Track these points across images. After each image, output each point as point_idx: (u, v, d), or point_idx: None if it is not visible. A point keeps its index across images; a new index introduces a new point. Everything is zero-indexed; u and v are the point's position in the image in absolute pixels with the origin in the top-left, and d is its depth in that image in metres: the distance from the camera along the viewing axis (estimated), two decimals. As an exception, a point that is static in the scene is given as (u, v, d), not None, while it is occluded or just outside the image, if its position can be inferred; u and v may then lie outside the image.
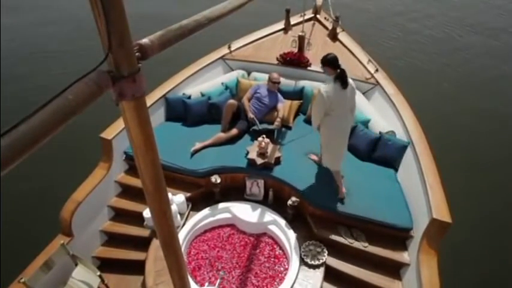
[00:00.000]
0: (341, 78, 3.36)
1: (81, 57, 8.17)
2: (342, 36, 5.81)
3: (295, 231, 3.75)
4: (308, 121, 4.81)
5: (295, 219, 3.85)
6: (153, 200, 1.43)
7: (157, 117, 4.68)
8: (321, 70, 5.14)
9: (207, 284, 3.44)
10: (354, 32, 6.22)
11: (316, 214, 3.75)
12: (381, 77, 4.99)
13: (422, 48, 9.71)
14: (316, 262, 3.49)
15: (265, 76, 4.86)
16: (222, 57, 5.47)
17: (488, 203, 5.39)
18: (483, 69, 8.81)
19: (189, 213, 3.97)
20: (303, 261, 3.51)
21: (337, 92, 3.37)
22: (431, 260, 3.10)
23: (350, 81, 3.47)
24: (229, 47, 5.55)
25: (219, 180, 3.91)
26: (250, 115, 4.43)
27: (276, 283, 3.46)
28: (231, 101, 4.46)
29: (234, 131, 4.38)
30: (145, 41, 1.13)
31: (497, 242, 4.93)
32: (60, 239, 3.32)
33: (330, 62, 3.40)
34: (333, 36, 5.79)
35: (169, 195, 3.65)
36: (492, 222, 5.14)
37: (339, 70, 3.38)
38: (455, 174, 5.25)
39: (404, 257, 3.46)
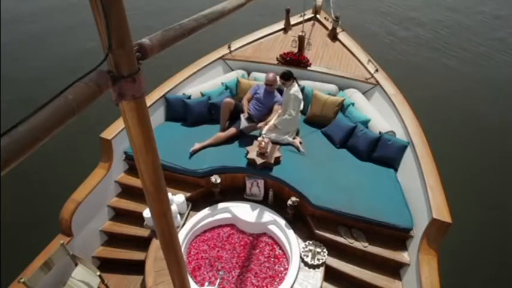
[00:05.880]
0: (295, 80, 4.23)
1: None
2: (342, 36, 5.81)
3: (295, 231, 3.75)
4: (308, 121, 4.81)
5: (295, 219, 3.85)
6: (153, 200, 1.44)
7: (157, 117, 4.67)
8: (321, 70, 5.21)
9: (207, 284, 3.44)
10: (354, 32, 6.22)
11: (316, 214, 3.75)
12: (381, 77, 4.99)
13: (422, 48, 9.70)
14: (316, 262, 3.49)
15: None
16: (222, 57, 5.46)
17: (488, 203, 5.39)
18: (485, 69, 8.80)
19: (189, 213, 3.97)
20: (303, 261, 3.51)
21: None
22: (431, 260, 3.09)
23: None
24: (229, 47, 5.54)
25: (219, 180, 3.90)
26: (244, 114, 4.41)
27: (276, 283, 3.46)
28: (227, 99, 4.44)
29: (233, 130, 4.37)
30: (145, 41, 1.13)
31: (497, 242, 4.93)
32: (60, 239, 3.31)
33: (290, 76, 4.17)
34: (333, 36, 5.79)
35: (169, 195, 3.65)
36: (492, 223, 5.14)
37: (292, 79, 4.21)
38: (455, 174, 5.25)
39: (404, 257, 3.46)
